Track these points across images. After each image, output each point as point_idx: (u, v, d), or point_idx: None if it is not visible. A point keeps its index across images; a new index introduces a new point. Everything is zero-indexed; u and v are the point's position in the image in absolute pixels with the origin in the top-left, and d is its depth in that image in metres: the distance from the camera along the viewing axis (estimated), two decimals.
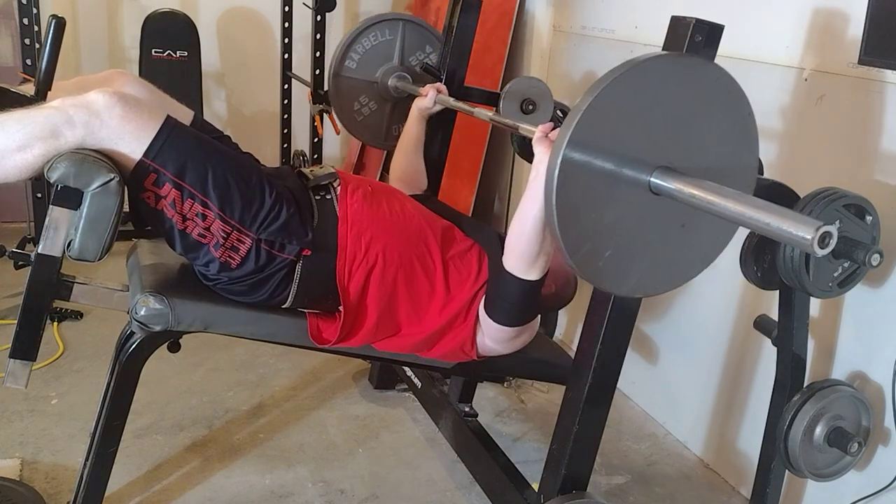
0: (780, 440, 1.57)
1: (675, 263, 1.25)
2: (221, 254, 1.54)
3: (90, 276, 1.64)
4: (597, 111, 1.08)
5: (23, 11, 2.88)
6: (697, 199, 1.09)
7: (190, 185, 1.50)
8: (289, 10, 3.65)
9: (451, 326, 1.65)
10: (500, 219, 3.29)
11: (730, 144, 1.21)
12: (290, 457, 2.10)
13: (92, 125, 1.45)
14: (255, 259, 1.55)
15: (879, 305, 1.74)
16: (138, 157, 1.48)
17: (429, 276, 1.65)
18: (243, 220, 1.54)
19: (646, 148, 1.14)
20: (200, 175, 1.51)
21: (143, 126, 1.49)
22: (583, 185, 1.11)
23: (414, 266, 1.64)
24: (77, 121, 1.44)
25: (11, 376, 1.54)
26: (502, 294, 1.57)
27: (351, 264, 1.60)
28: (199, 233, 1.52)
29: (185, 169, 1.50)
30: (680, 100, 1.15)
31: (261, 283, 1.57)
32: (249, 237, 1.54)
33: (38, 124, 1.43)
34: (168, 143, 1.50)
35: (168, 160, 1.49)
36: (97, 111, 1.45)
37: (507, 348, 1.68)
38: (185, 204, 1.51)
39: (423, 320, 1.65)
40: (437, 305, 1.65)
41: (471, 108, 2.03)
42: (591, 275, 1.18)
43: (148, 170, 1.48)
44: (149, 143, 1.48)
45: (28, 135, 1.42)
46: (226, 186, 1.53)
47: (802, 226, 0.95)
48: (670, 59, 1.17)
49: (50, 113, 1.45)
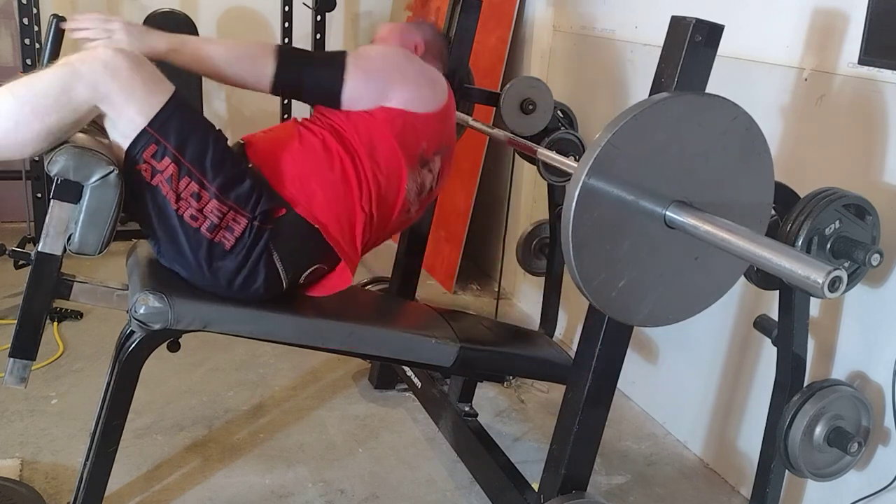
0: (780, 440, 1.57)
1: (687, 295, 1.27)
2: (215, 234, 1.54)
3: (90, 275, 1.65)
4: (615, 147, 1.10)
5: (23, 11, 2.88)
6: (711, 236, 1.11)
7: (189, 162, 1.51)
8: (289, 10, 3.64)
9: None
10: (500, 219, 3.29)
11: (745, 181, 1.23)
12: (290, 457, 2.10)
13: (99, 80, 1.43)
14: (251, 238, 1.56)
15: (879, 305, 1.74)
16: (143, 125, 1.47)
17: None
18: (239, 200, 1.55)
19: (662, 182, 1.16)
20: (200, 153, 1.52)
21: (152, 91, 1.49)
22: (599, 216, 1.13)
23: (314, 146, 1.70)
24: (85, 74, 1.42)
25: (11, 376, 1.54)
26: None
27: (299, 197, 1.63)
28: (191, 214, 1.52)
29: (187, 145, 1.50)
30: (698, 136, 1.17)
31: (252, 272, 1.58)
32: (245, 217, 1.55)
33: (46, 83, 1.42)
34: (175, 116, 1.50)
35: (171, 133, 1.49)
36: (105, 63, 1.44)
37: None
38: (182, 181, 1.51)
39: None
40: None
41: (491, 129, 2.05)
42: (605, 304, 1.20)
43: (150, 140, 1.48)
44: (157, 111, 1.48)
45: (39, 95, 1.41)
46: (221, 165, 1.54)
47: (813, 270, 0.97)
48: (690, 97, 1.19)
49: (56, 70, 1.43)
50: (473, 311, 2.98)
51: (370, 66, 1.75)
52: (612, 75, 2.66)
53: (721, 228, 1.10)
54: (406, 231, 2.42)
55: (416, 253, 2.44)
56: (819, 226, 1.45)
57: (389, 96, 1.73)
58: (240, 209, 1.55)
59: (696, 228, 1.13)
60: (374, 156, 1.70)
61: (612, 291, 1.18)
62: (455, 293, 3.33)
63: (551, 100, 2.28)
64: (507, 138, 1.95)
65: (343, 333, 1.71)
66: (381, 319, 1.93)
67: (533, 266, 2.71)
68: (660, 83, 1.28)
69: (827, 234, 1.47)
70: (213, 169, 1.53)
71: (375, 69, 1.75)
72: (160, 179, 1.50)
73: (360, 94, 1.72)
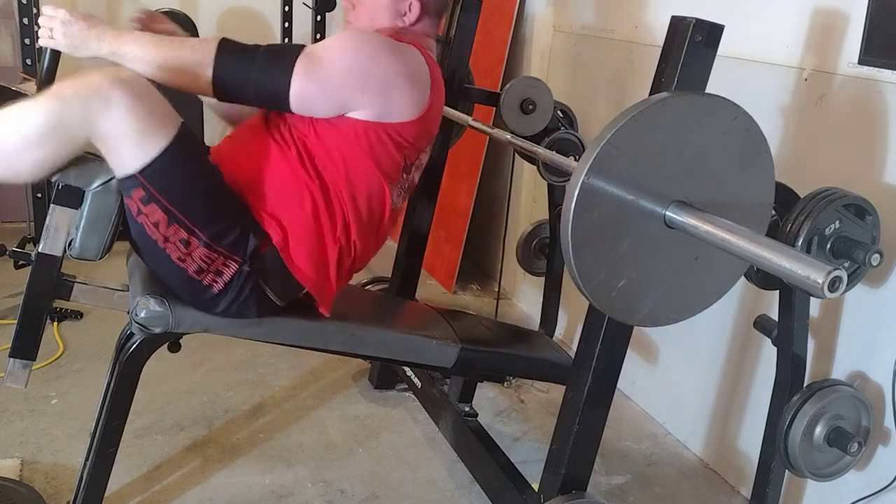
0: (780, 440, 1.57)
1: (687, 295, 1.27)
2: (203, 277, 1.46)
3: (90, 275, 1.64)
4: (615, 146, 1.11)
5: (23, 11, 2.88)
6: (711, 236, 1.11)
7: (180, 213, 1.41)
8: (289, 10, 3.64)
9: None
10: (500, 219, 3.29)
11: (745, 181, 1.23)
12: (290, 457, 2.10)
13: (91, 115, 1.31)
14: (241, 280, 1.48)
15: (879, 305, 1.74)
16: (133, 171, 1.37)
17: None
18: (230, 247, 1.46)
19: (662, 182, 1.16)
20: (193, 206, 1.42)
21: (149, 133, 1.36)
22: (599, 215, 1.13)
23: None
24: (77, 108, 1.31)
25: (11, 376, 1.54)
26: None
27: (274, 234, 1.51)
28: (178, 256, 1.45)
29: (179, 196, 1.40)
30: (698, 136, 1.17)
31: (244, 305, 1.52)
32: (236, 262, 1.47)
33: (37, 120, 1.32)
34: (170, 166, 1.37)
35: (164, 184, 1.38)
36: (100, 95, 1.31)
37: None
38: (170, 228, 1.42)
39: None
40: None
41: (491, 129, 2.04)
42: (605, 304, 1.20)
43: (138, 185, 1.38)
44: (150, 159, 1.36)
45: (30, 131, 1.31)
46: (216, 217, 1.45)
47: (813, 270, 0.97)
48: (690, 97, 1.19)
49: (48, 103, 1.33)
50: (473, 311, 2.98)
51: (323, 77, 1.49)
52: (612, 75, 2.66)
53: (721, 228, 1.10)
54: (406, 231, 2.42)
55: (416, 253, 2.44)
56: (819, 226, 1.45)
57: (352, 108, 1.51)
58: (230, 255, 1.47)
59: (696, 228, 1.13)
60: (350, 181, 1.54)
61: (612, 291, 1.18)
62: (455, 293, 3.33)
63: (551, 100, 2.28)
64: (507, 138, 1.95)
65: (344, 335, 1.71)
66: (381, 320, 1.93)
67: (533, 266, 2.71)
68: (660, 83, 1.29)
69: (827, 234, 1.47)
70: (206, 221, 1.43)
71: (329, 82, 1.49)
72: (145, 221, 1.41)
73: (311, 103, 1.50)
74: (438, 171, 2.39)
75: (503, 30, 3.18)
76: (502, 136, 1.98)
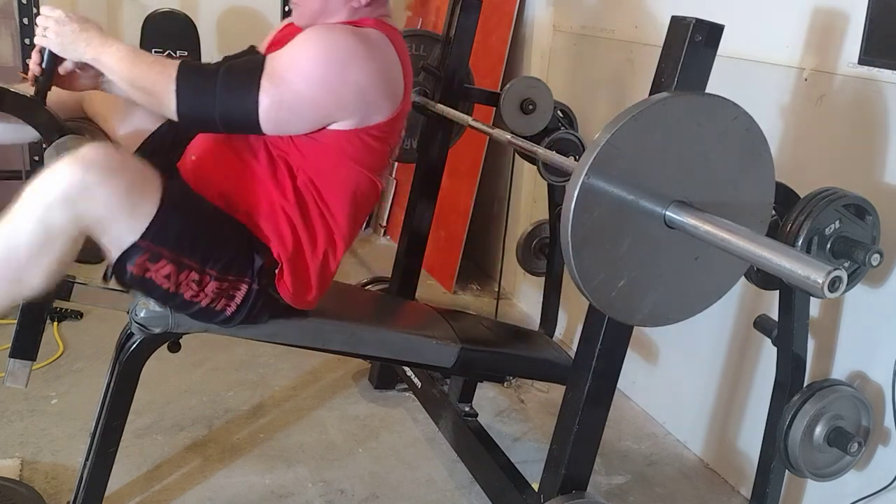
0: (780, 440, 1.57)
1: (687, 295, 1.27)
2: (216, 304, 1.49)
3: (90, 275, 1.64)
4: (615, 146, 1.11)
5: (23, 11, 2.88)
6: (711, 236, 1.11)
7: (189, 258, 1.42)
8: (289, 11, 3.64)
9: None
10: (500, 219, 3.29)
11: (746, 181, 1.23)
12: (290, 457, 2.10)
13: (74, 210, 1.27)
14: (253, 298, 1.52)
15: (879, 305, 1.74)
16: (134, 241, 1.36)
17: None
18: (239, 272, 1.49)
19: (662, 182, 1.16)
20: (199, 247, 1.43)
21: (136, 202, 1.33)
22: (598, 215, 1.13)
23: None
24: (57, 210, 1.26)
25: (11, 376, 1.54)
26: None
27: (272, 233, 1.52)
28: (191, 295, 1.46)
29: (185, 244, 1.41)
30: (698, 136, 1.17)
31: (256, 318, 1.55)
32: (245, 283, 1.50)
33: (23, 237, 1.28)
34: (168, 222, 1.37)
35: (167, 240, 1.38)
36: (73, 186, 1.27)
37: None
38: (182, 274, 1.43)
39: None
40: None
41: (491, 129, 2.04)
42: (605, 304, 1.20)
43: (141, 252, 1.37)
44: (147, 225, 1.35)
45: (22, 250, 1.27)
46: (222, 250, 1.47)
47: (813, 270, 0.97)
48: (690, 97, 1.19)
49: (28, 214, 1.28)
50: (473, 311, 2.98)
51: (291, 98, 1.42)
52: (612, 75, 2.66)
53: (721, 228, 1.10)
54: (406, 231, 2.42)
55: (416, 253, 2.44)
56: (819, 226, 1.45)
57: (330, 122, 1.48)
58: (240, 279, 1.50)
59: (696, 228, 1.13)
60: (340, 197, 1.54)
61: (612, 291, 1.18)
62: (455, 293, 3.33)
63: (551, 100, 2.28)
64: (507, 138, 1.95)
65: (344, 335, 1.71)
66: (382, 320, 1.93)
67: (533, 266, 2.71)
68: (660, 83, 1.28)
69: (827, 234, 1.47)
70: (214, 255, 1.45)
71: (299, 102, 1.43)
72: (154, 276, 1.41)
73: (284, 125, 1.46)
74: (438, 172, 2.39)
75: (503, 30, 3.18)
76: (502, 136, 1.97)
